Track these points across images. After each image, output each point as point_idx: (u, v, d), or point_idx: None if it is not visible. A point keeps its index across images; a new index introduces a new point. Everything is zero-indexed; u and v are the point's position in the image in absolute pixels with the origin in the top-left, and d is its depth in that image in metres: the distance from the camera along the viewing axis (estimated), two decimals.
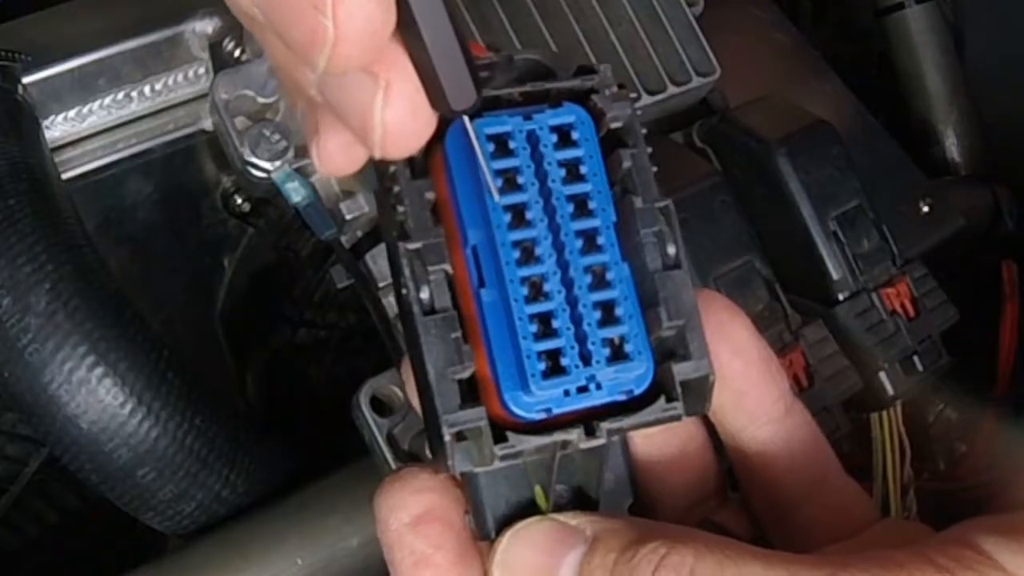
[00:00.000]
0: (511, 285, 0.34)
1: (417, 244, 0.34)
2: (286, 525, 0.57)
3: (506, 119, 0.35)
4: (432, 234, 0.34)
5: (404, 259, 0.34)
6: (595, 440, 0.35)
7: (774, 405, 0.40)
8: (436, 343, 0.34)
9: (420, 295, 0.34)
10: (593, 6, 0.69)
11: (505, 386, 0.34)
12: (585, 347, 0.34)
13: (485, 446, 0.34)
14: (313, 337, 0.76)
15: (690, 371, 0.35)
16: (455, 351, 0.34)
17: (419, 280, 0.34)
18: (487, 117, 0.35)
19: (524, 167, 0.35)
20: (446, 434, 0.33)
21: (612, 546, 0.35)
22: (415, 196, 0.34)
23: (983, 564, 0.33)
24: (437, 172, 0.35)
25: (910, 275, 0.66)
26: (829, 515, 0.40)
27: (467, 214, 0.34)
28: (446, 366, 0.34)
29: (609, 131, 0.36)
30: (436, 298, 0.34)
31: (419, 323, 0.34)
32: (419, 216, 0.34)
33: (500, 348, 0.34)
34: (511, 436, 0.34)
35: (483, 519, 0.37)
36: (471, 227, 0.34)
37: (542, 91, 0.36)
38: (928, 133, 0.91)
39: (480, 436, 0.34)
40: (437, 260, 0.34)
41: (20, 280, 0.52)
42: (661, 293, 0.35)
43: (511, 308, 0.34)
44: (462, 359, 0.34)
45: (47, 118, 0.61)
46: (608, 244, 0.35)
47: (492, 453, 0.34)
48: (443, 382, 0.34)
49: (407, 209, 0.34)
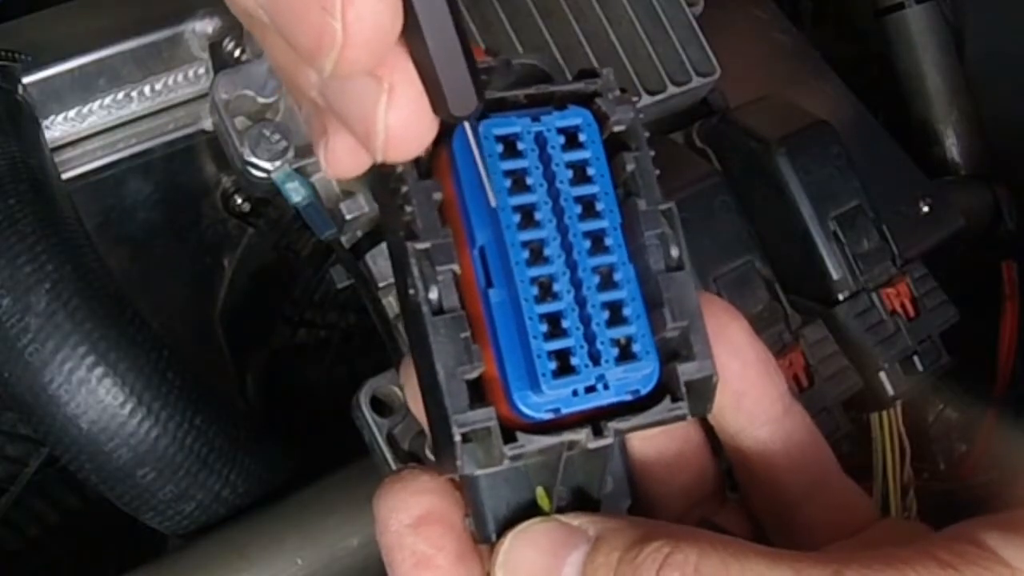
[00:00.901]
0: (521, 285, 0.34)
1: (426, 244, 0.34)
2: (286, 525, 0.57)
3: (514, 120, 0.35)
4: (440, 234, 0.34)
5: (413, 259, 0.34)
6: (602, 440, 0.35)
7: (773, 406, 0.40)
8: (445, 343, 0.34)
9: (429, 295, 0.34)
10: (593, 6, 0.69)
11: (515, 386, 0.34)
12: (594, 347, 0.34)
13: (494, 446, 0.34)
14: (313, 337, 0.76)
15: (694, 371, 0.36)
16: (464, 351, 0.34)
17: (428, 280, 0.34)
18: (495, 118, 0.35)
19: (533, 168, 0.35)
20: (456, 434, 0.33)
21: (615, 546, 0.35)
22: (423, 196, 0.34)
23: (987, 560, 0.33)
24: (443, 173, 0.35)
25: (910, 275, 0.66)
26: (829, 515, 0.40)
27: (475, 215, 0.34)
28: (455, 366, 0.34)
29: (612, 134, 0.36)
30: (444, 298, 0.34)
31: (428, 323, 0.34)
32: (427, 216, 0.34)
33: (509, 348, 0.34)
34: (520, 436, 0.34)
35: (484, 521, 0.37)
36: (479, 228, 0.34)
37: (546, 94, 0.36)
38: (928, 133, 0.91)
39: (488, 436, 0.34)
40: (446, 260, 0.34)
41: (20, 280, 0.52)
42: (665, 294, 0.35)
43: (521, 308, 0.34)
44: (471, 359, 0.34)
45: (47, 118, 0.61)
46: (616, 245, 0.35)
47: (502, 453, 0.34)
48: (452, 382, 0.34)
49: (415, 209, 0.34)
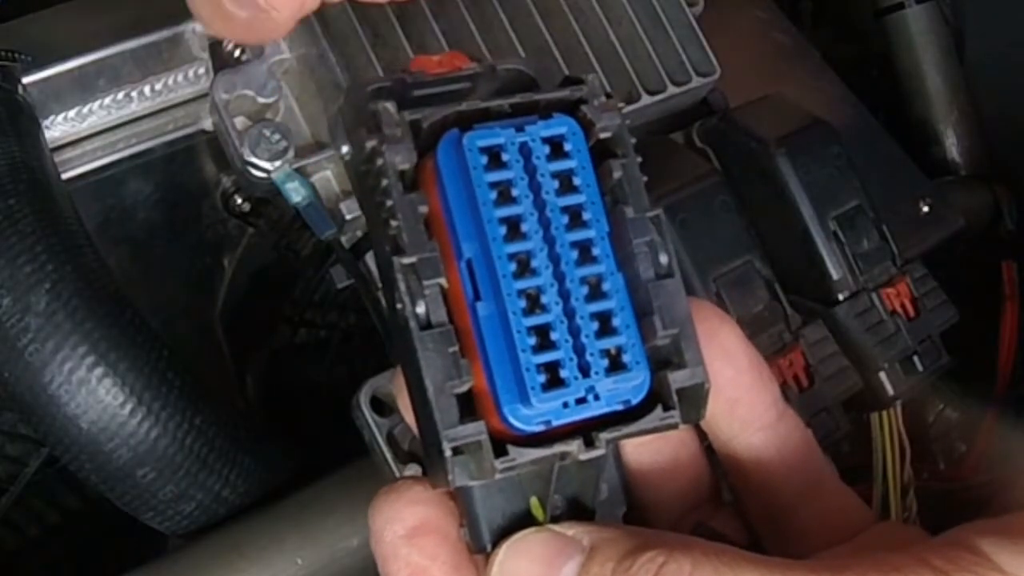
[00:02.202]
0: (509, 298, 0.34)
1: (412, 258, 0.34)
2: (286, 525, 0.57)
3: (498, 131, 0.35)
4: (427, 248, 0.34)
5: (399, 274, 0.34)
6: (594, 451, 0.35)
7: (766, 412, 0.40)
8: (434, 358, 0.33)
9: (416, 309, 0.34)
10: (593, 6, 0.68)
11: (504, 399, 0.34)
12: (584, 358, 0.34)
13: (485, 460, 0.34)
14: (313, 337, 0.76)
15: (686, 379, 0.36)
16: (453, 365, 0.34)
17: (415, 295, 0.34)
18: (479, 130, 0.34)
19: (518, 179, 0.34)
20: (446, 449, 0.33)
21: (609, 555, 0.35)
22: (409, 210, 0.34)
23: (981, 566, 0.33)
24: (428, 185, 0.35)
25: (910, 275, 0.66)
26: (824, 520, 0.40)
27: (461, 227, 0.34)
28: (444, 380, 0.33)
29: (598, 141, 0.36)
30: (432, 312, 0.34)
31: (416, 338, 0.34)
32: (413, 230, 0.34)
33: (498, 361, 0.34)
34: (511, 449, 0.34)
35: (478, 532, 0.37)
36: (465, 240, 0.34)
37: (531, 102, 0.36)
38: (928, 133, 0.91)
39: (480, 450, 0.34)
40: (432, 274, 0.34)
41: (20, 280, 0.52)
42: (655, 302, 0.35)
43: (509, 321, 0.33)
44: (460, 373, 0.34)
45: (47, 118, 0.61)
46: (603, 255, 0.35)
47: (493, 467, 0.34)
48: (442, 397, 0.33)
49: (400, 223, 0.34)
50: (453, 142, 0.34)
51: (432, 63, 0.38)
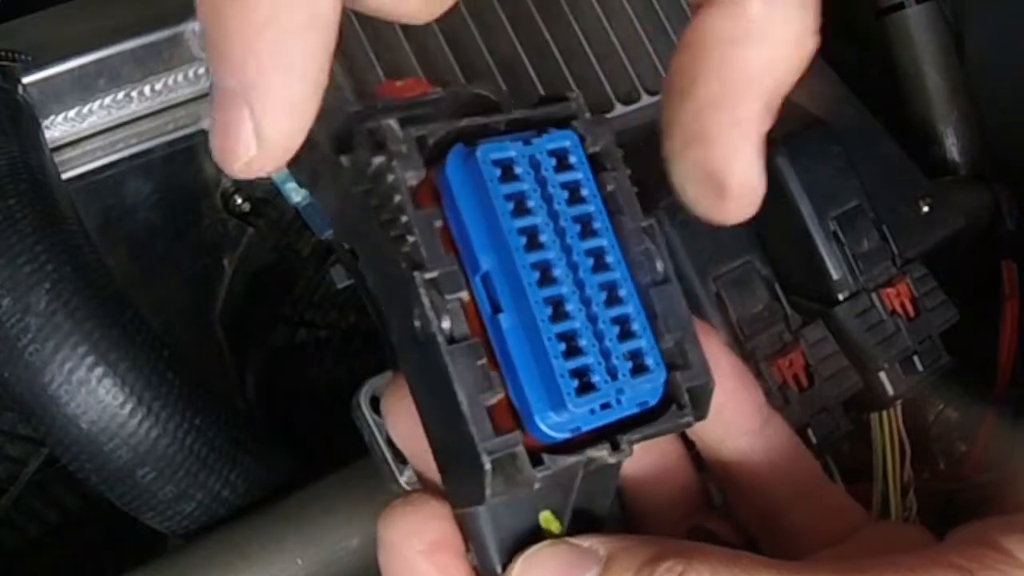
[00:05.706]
0: (536, 306, 0.34)
1: (434, 273, 0.33)
2: (286, 525, 0.57)
3: (508, 145, 0.35)
4: (446, 262, 0.34)
5: (422, 289, 0.33)
6: (620, 454, 0.35)
7: (752, 417, 0.41)
8: (465, 372, 0.33)
9: (442, 324, 0.33)
10: (593, 6, 0.68)
11: (536, 407, 0.34)
12: (611, 362, 0.34)
13: (522, 470, 0.33)
14: (313, 337, 0.76)
15: (693, 379, 0.36)
16: (484, 378, 0.34)
17: (439, 310, 0.33)
18: (488, 143, 0.35)
19: (531, 191, 0.35)
20: (486, 463, 0.33)
21: (627, 566, 0.34)
22: (425, 225, 0.34)
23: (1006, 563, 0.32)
24: (430, 202, 0.35)
25: (910, 275, 0.66)
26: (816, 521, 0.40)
27: (476, 241, 0.34)
28: (477, 394, 0.33)
29: (590, 155, 0.37)
30: (455, 327, 0.34)
31: (446, 353, 0.33)
32: (431, 244, 0.34)
33: (526, 371, 0.34)
34: (546, 458, 0.34)
35: (487, 554, 0.36)
36: (482, 253, 0.34)
37: (525, 119, 0.36)
38: (928, 133, 0.91)
39: (513, 463, 0.34)
40: (455, 288, 0.34)
41: (20, 280, 0.52)
42: (658, 307, 0.36)
43: (539, 329, 0.34)
44: (491, 385, 0.34)
45: (47, 118, 0.61)
46: (616, 262, 0.35)
47: (532, 476, 0.33)
48: (475, 409, 0.33)
49: (418, 239, 0.34)
50: (462, 156, 0.34)
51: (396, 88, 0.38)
